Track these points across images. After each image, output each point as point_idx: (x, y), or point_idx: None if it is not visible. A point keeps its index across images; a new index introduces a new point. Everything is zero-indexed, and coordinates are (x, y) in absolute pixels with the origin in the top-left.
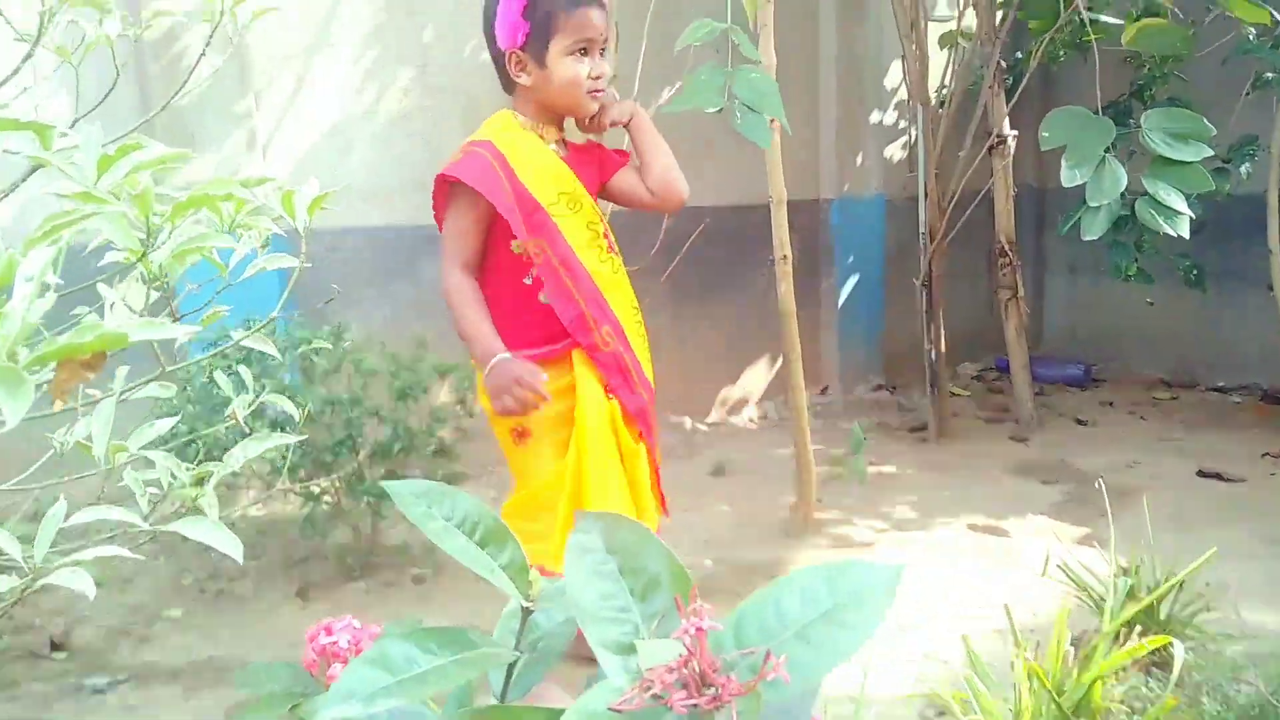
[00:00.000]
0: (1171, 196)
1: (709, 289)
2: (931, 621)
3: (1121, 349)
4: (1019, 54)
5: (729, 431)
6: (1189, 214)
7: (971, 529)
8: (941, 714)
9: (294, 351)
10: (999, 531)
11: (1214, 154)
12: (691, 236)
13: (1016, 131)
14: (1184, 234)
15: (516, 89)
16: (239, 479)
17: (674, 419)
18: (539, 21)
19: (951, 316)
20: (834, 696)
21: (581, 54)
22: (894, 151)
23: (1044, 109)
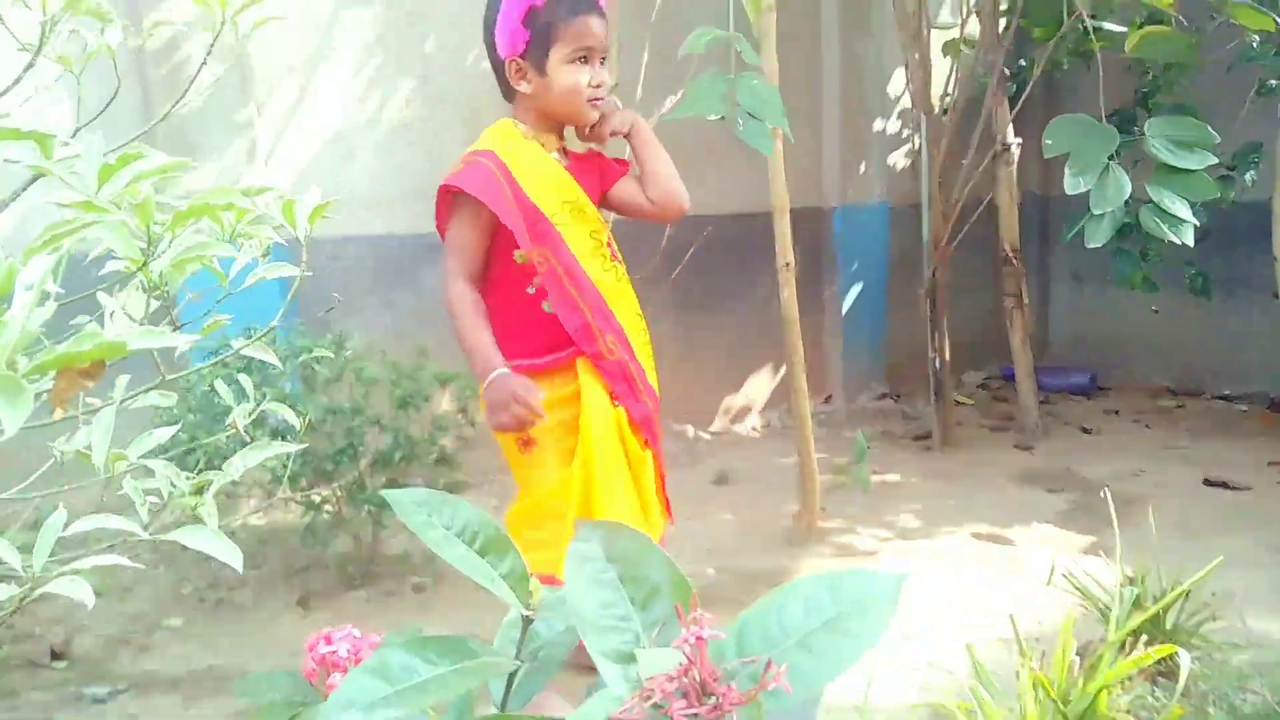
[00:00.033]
0: (1176, 204)
1: (712, 297)
2: (936, 630)
3: (1127, 357)
4: (1022, 62)
5: (732, 440)
6: (1193, 221)
7: (976, 538)
8: None
9: (295, 360)
10: (1004, 540)
11: (1218, 161)
12: (694, 244)
13: (1020, 139)
14: (1189, 241)
15: (517, 97)
16: (240, 488)
17: (677, 427)
18: (539, 29)
19: (956, 324)
20: (837, 706)
21: (581, 62)
22: (897, 159)
23: (1048, 116)
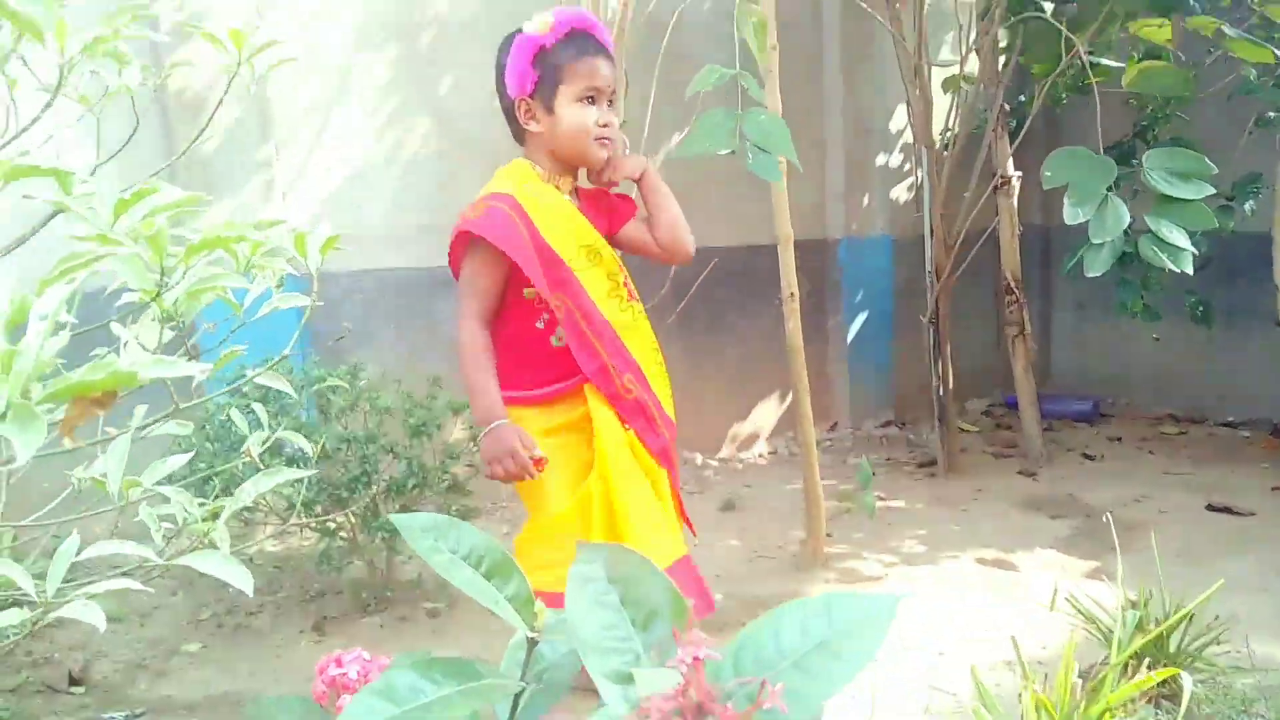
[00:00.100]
0: (1174, 234)
1: (719, 326)
2: (939, 654)
3: (1129, 385)
4: (1022, 97)
5: (739, 467)
6: (1192, 250)
7: (980, 563)
8: None
9: (310, 389)
10: (1007, 565)
11: (1217, 192)
12: (701, 276)
13: (1021, 172)
14: (1188, 270)
15: (527, 138)
16: (257, 515)
17: (685, 455)
18: (548, 69)
19: (960, 353)
20: None
21: (589, 102)
22: (900, 192)
23: (1048, 150)
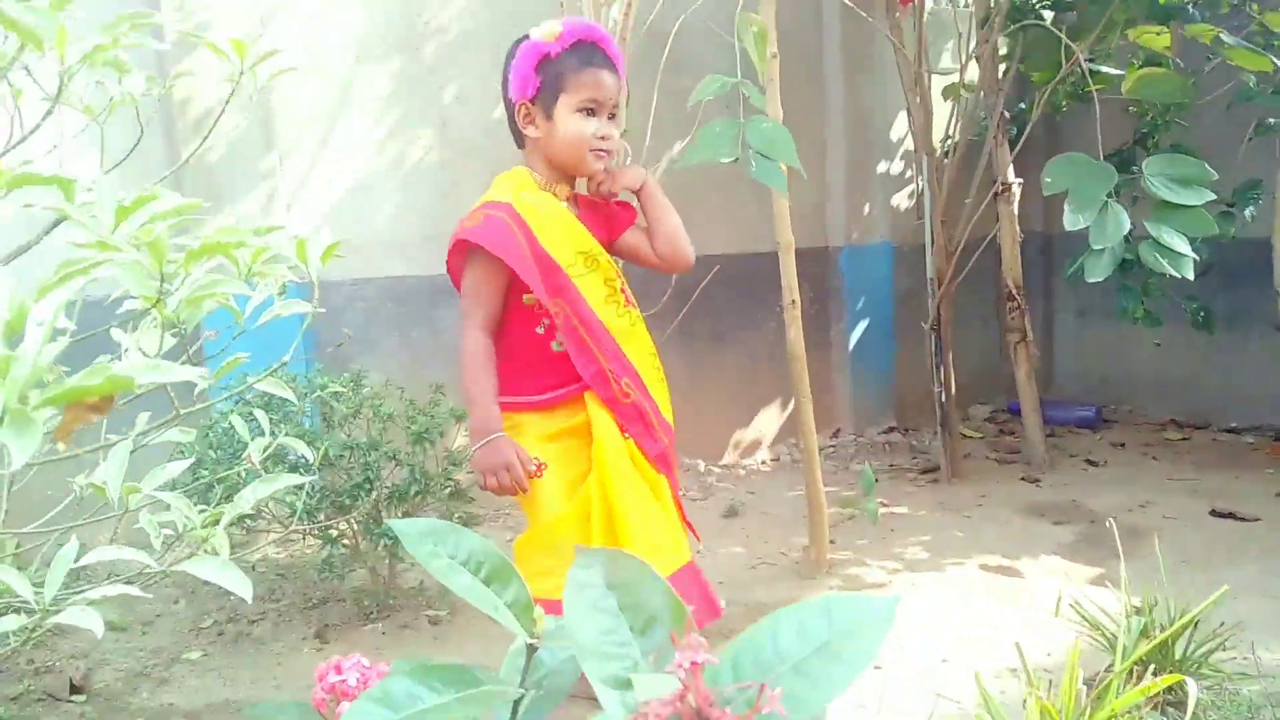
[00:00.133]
0: (1175, 239)
1: (721, 333)
2: (943, 660)
3: (1132, 391)
4: (1022, 104)
5: (742, 474)
6: (1192, 256)
7: (984, 569)
8: None
9: (313, 397)
10: (1011, 572)
11: (1217, 198)
12: (703, 283)
13: (1021, 179)
14: (1188, 275)
15: (526, 143)
16: (258, 523)
17: (687, 462)
18: (550, 77)
19: (962, 360)
20: None
21: (589, 113)
22: (901, 200)
23: (1048, 157)
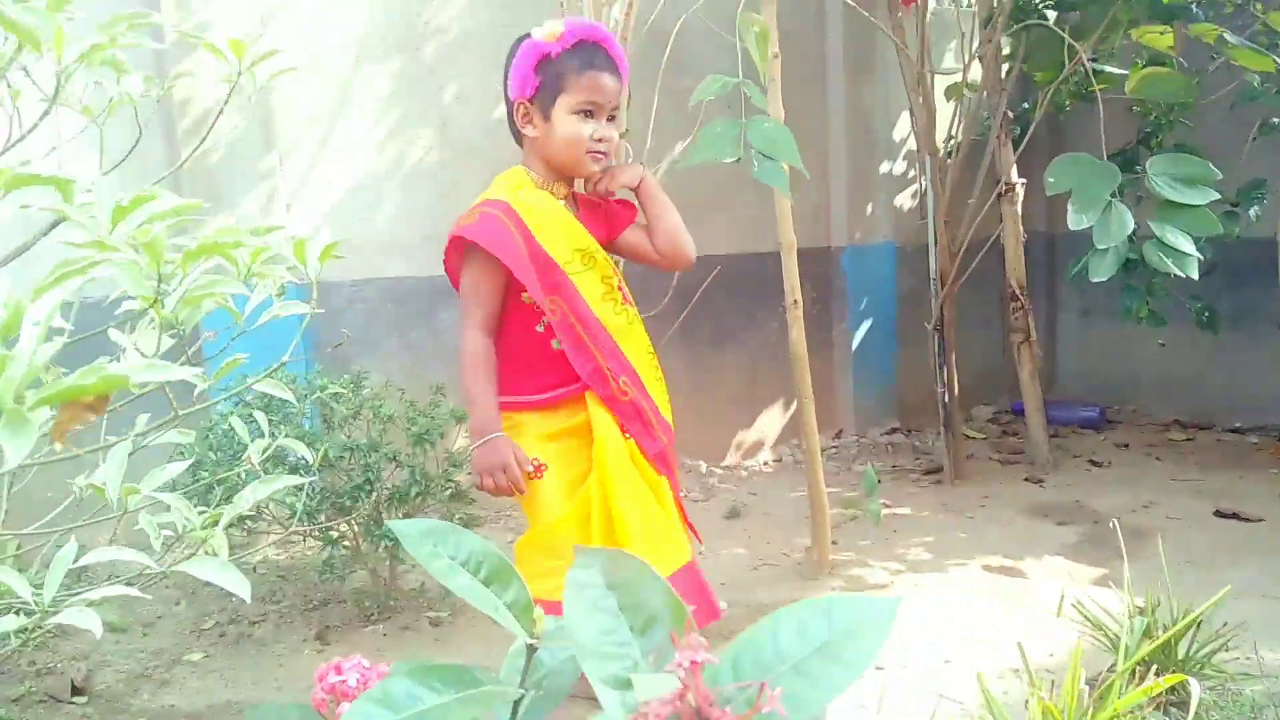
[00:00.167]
0: (1179, 239)
1: (723, 334)
2: (946, 661)
3: (1136, 391)
4: (1025, 104)
5: (744, 475)
6: (1196, 255)
7: (987, 570)
8: None
9: (313, 398)
10: (1014, 572)
11: (1221, 198)
12: (704, 283)
13: (1025, 179)
14: (1193, 275)
15: (525, 141)
16: (259, 524)
17: (689, 463)
18: (549, 77)
19: (965, 360)
20: None
21: (587, 115)
22: (904, 200)
23: (1052, 157)
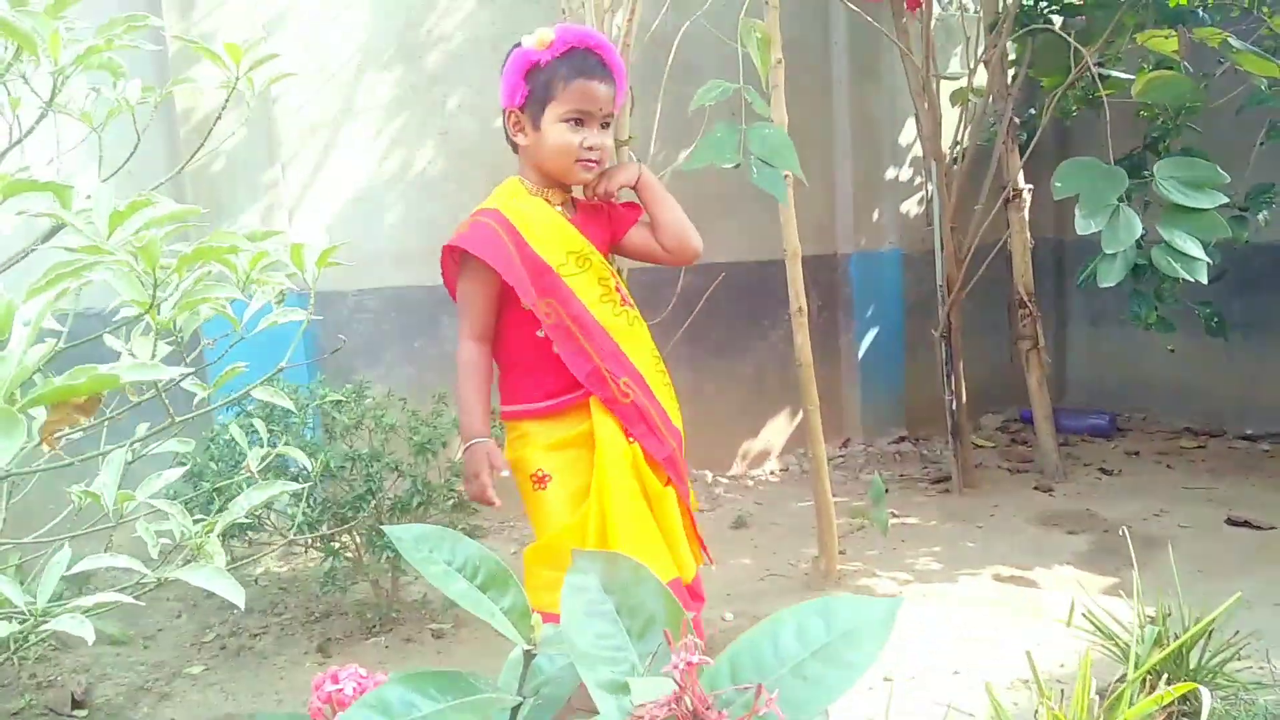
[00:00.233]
0: (1188, 243)
1: (728, 342)
2: (955, 672)
3: (1146, 398)
4: (1032, 110)
5: (750, 484)
6: (1205, 260)
7: (996, 579)
8: None
9: (314, 406)
10: (1024, 582)
11: (1230, 202)
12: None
13: (1031, 185)
14: (1202, 280)
15: (518, 149)
16: (260, 535)
17: (695, 472)
18: (539, 85)
19: (973, 368)
20: None
21: (577, 123)
22: (910, 206)
23: (1059, 162)
